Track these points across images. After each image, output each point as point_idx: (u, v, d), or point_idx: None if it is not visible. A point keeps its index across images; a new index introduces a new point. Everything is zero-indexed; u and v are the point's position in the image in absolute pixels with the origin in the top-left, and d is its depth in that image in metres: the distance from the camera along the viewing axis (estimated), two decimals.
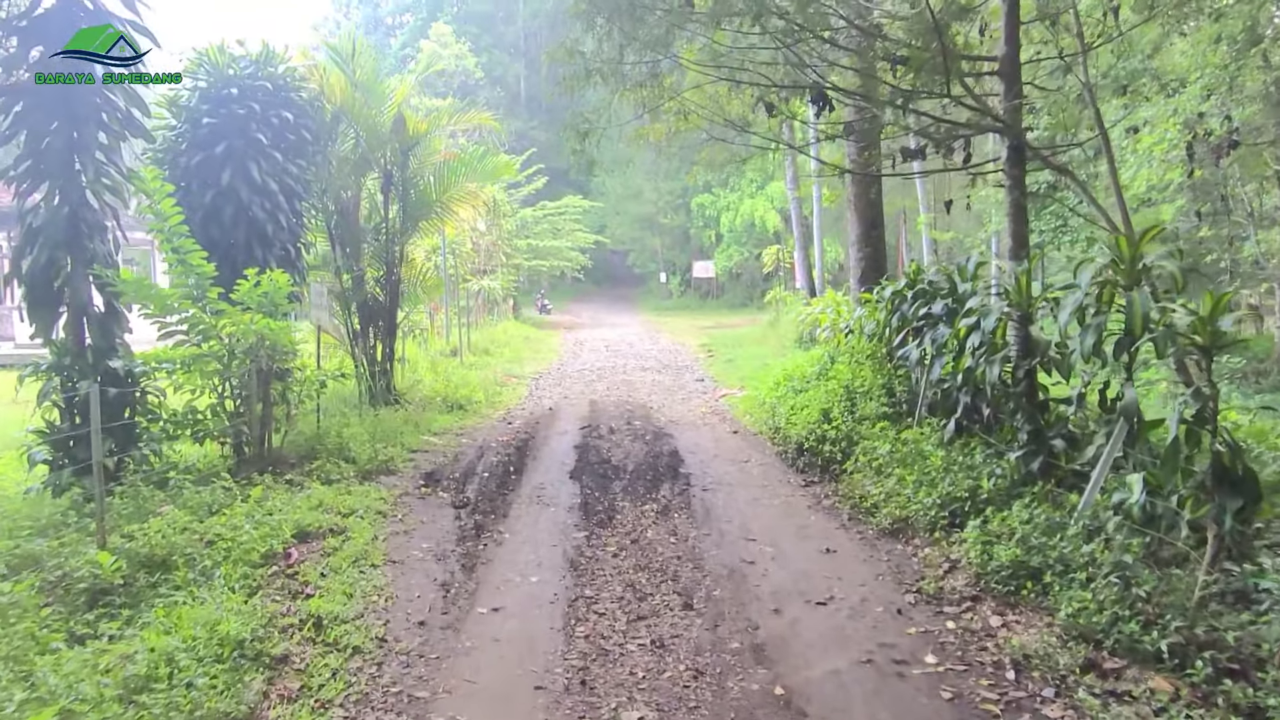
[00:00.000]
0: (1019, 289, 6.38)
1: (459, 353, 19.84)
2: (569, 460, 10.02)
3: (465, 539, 6.73)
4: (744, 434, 11.71)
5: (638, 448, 10.57)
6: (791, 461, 9.59)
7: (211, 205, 10.60)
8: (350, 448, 9.26)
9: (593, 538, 6.72)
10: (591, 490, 8.48)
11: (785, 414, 10.82)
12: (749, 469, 9.55)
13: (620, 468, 9.49)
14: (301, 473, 8.48)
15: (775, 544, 6.49)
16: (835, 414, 9.58)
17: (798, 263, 22.53)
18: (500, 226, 32.86)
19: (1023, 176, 6.99)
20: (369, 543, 6.30)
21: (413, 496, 8.23)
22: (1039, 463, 6.24)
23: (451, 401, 13.70)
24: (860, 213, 11.96)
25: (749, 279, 51.58)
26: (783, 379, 12.88)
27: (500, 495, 8.33)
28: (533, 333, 30.16)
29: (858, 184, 11.93)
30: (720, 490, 8.49)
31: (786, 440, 10.13)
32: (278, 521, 6.11)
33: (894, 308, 8.85)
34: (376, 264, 13.63)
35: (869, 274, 11.97)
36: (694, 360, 22.18)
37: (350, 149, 13.41)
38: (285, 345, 8.53)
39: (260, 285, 8.55)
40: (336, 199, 13.29)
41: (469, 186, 13.87)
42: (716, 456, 10.27)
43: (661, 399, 15.34)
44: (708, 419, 13.12)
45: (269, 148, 10.85)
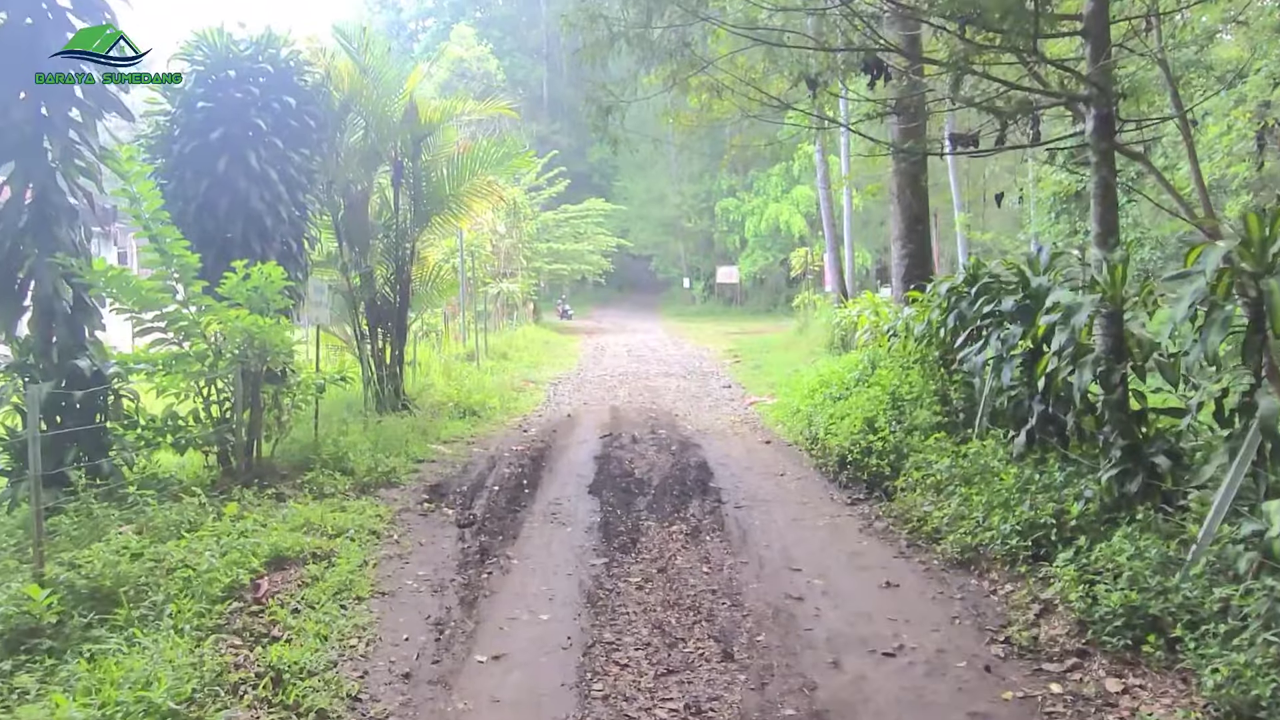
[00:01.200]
0: (1112, 281, 5.45)
1: (475, 357, 19.08)
2: (588, 473, 9.17)
3: (468, 565, 5.89)
4: (778, 444, 10.80)
5: (663, 459, 9.70)
6: (833, 476, 8.67)
7: (206, 196, 9.89)
8: (349, 457, 8.46)
9: (614, 565, 5.86)
10: (612, 508, 7.61)
11: (824, 423, 9.91)
12: (786, 484, 8.65)
13: (644, 481, 8.62)
14: (293, 485, 7.69)
15: (825, 575, 5.58)
16: (881, 424, 8.66)
17: (828, 265, 21.58)
18: (520, 229, 32.19)
19: (1111, 152, 6.07)
20: (356, 570, 5.47)
21: (413, 513, 7.40)
22: (1137, 483, 5.29)
23: (464, 407, 12.91)
24: (905, 206, 11.04)
25: (773, 284, 50.57)
26: (818, 385, 11.96)
27: (511, 512, 7.49)
28: (553, 337, 29.39)
29: (902, 175, 11.00)
30: (756, 508, 7.60)
31: (826, 452, 9.21)
32: (251, 545, 5.30)
33: (950, 306, 7.92)
34: (386, 262, 12.88)
35: (913, 272, 11.04)
36: (720, 366, 21.28)
37: (359, 140, 12.68)
38: (278, 345, 7.75)
39: (250, 279, 7.79)
40: (344, 192, 12.56)
41: (485, 180, 13.09)
42: (749, 469, 9.38)
43: (687, 406, 14.45)
44: (737, 428, 12.22)
45: (269, 134, 10.12)
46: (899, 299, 11.22)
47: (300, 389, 8.27)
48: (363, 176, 12.83)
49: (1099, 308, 5.44)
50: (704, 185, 51.95)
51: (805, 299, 26.06)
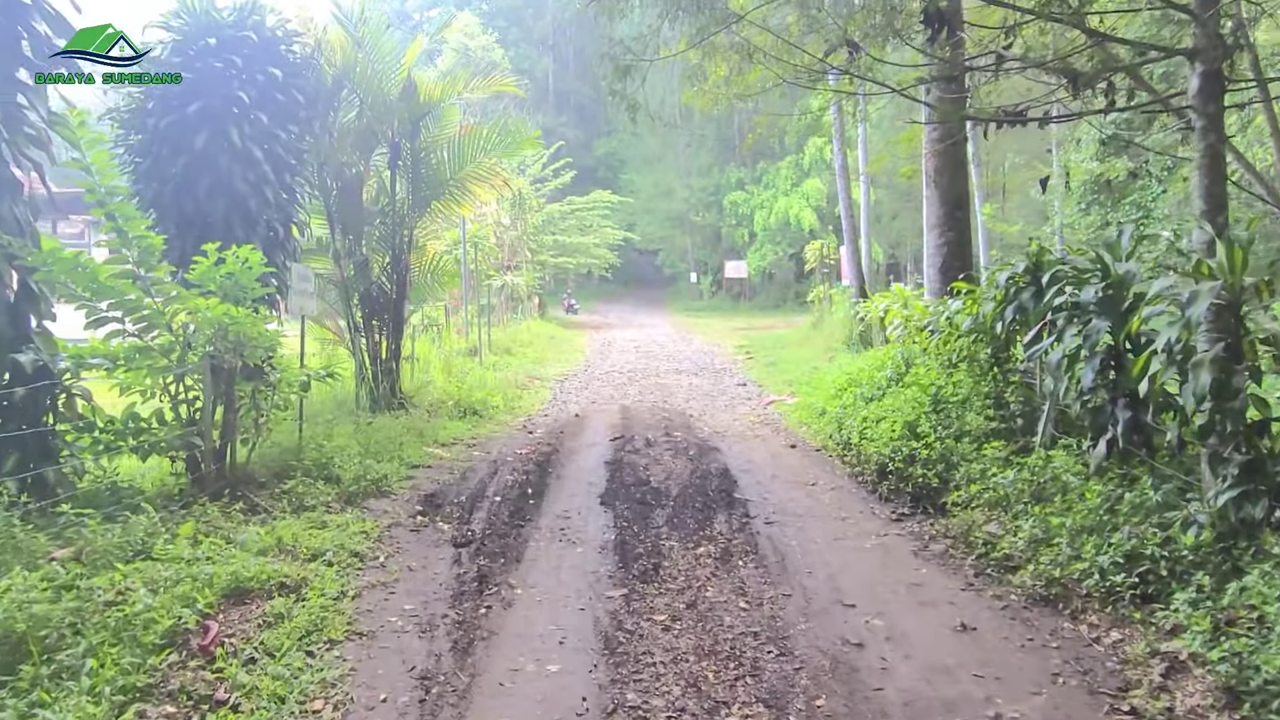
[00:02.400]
0: (1230, 266, 4.57)
1: (478, 352, 18.24)
2: (599, 480, 8.32)
3: (463, 596, 5.04)
4: (804, 449, 9.94)
5: (680, 465, 8.85)
6: (872, 487, 7.81)
7: (184, 175, 9.07)
8: (336, 463, 7.63)
9: (634, 597, 5.00)
10: (628, 522, 6.76)
11: (857, 427, 9.04)
12: (819, 495, 7.79)
13: (662, 491, 7.77)
14: (271, 495, 6.85)
15: (884, 613, 4.73)
16: (924, 429, 7.80)
17: (846, 258, 20.67)
18: (526, 221, 31.34)
19: (1220, 116, 5.17)
20: (330, 604, 4.62)
21: (405, 528, 6.55)
22: (1262, 508, 4.43)
23: (465, 406, 12.06)
24: (942, 190, 10.15)
25: (782, 279, 49.66)
26: (846, 385, 11.09)
27: (514, 528, 6.64)
28: (558, 332, 28.54)
29: (940, 155, 10.11)
30: (790, 524, 6.74)
31: (862, 460, 8.35)
32: (207, 575, 4.46)
33: (1009, 298, 7.04)
34: (382, 250, 12.04)
35: (951, 263, 10.15)
36: (732, 363, 20.41)
37: (353, 119, 11.83)
38: (255, 338, 6.91)
39: (225, 264, 6.95)
40: (338, 175, 11.72)
41: (488, 164, 12.24)
42: (776, 477, 8.52)
43: (701, 405, 13.59)
44: (757, 430, 11.35)
45: (253, 109, 9.28)
46: (934, 292, 10.35)
47: (282, 387, 7.42)
48: (357, 159, 12.00)
49: (1216, 298, 4.56)
50: (712, 179, 51.03)
51: (820, 293, 25.14)
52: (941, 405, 8.18)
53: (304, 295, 8.33)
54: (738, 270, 47.14)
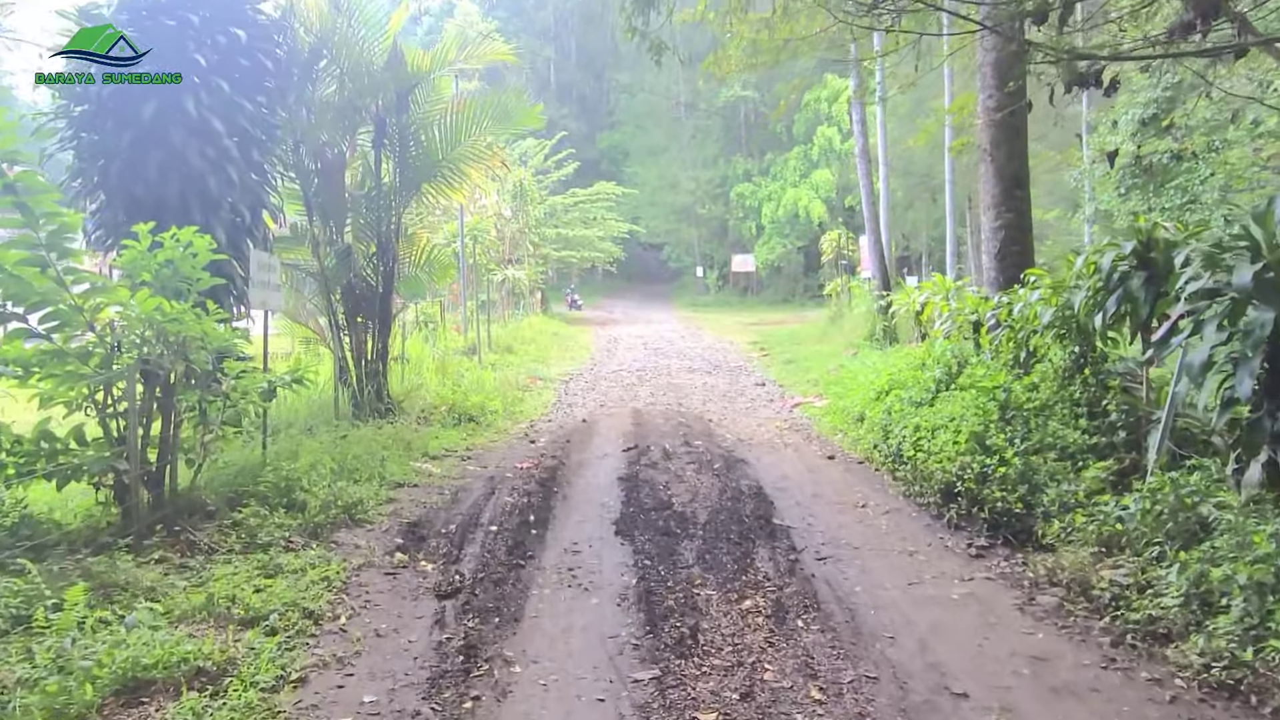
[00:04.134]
0: None
1: (477, 350, 17.03)
2: (613, 501, 7.12)
3: (444, 678, 3.84)
4: (844, 461, 8.73)
5: (706, 482, 7.64)
6: (936, 510, 6.59)
7: (132, 151, 7.89)
8: (302, 485, 6.43)
9: (669, 681, 3.79)
10: (651, 561, 5.56)
11: (908, 436, 7.84)
12: (873, 520, 6.59)
13: (687, 517, 6.56)
14: (219, 529, 5.66)
15: (1013, 710, 3.51)
16: (996, 441, 6.59)
17: (867, 248, 19.42)
18: (527, 213, 30.10)
19: None
20: (261, 701, 3.42)
21: (378, 570, 5.35)
22: None
23: (460, 412, 10.86)
24: (999, 166, 8.91)
25: (790, 273, 48.41)
26: (886, 386, 9.88)
27: (512, 569, 5.44)
28: (562, 329, 27.34)
29: (997, 127, 8.87)
30: (847, 560, 5.54)
31: (921, 476, 7.14)
32: (92, 663, 3.26)
33: (1110, 285, 5.81)
34: (367, 238, 10.84)
35: (1010, 247, 8.92)
36: (747, 360, 19.20)
37: (334, 93, 10.62)
38: (201, 339, 5.72)
39: (162, 250, 5.75)
40: (317, 155, 10.51)
41: (484, 142, 11.02)
42: (818, 497, 7.32)
43: (720, 408, 12.39)
44: (786, 437, 10.14)
45: (212, 74, 8.10)
46: (990, 280, 9.12)
47: (236, 396, 6.22)
48: (339, 137, 10.78)
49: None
50: (719, 170, 49.74)
51: (839, 286, 23.89)
52: (1014, 413, 6.97)
53: (266, 288, 7.12)
54: (745, 264, 45.92)
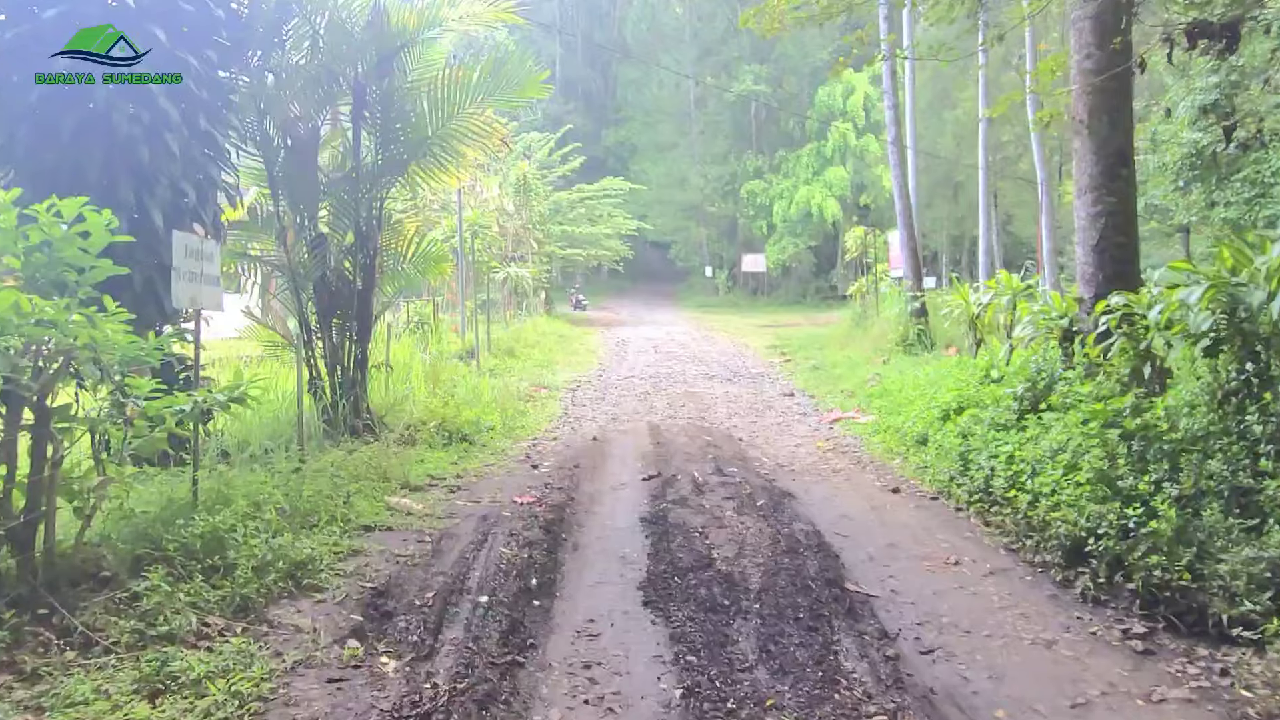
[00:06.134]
0: None
1: (475, 354, 15.52)
2: (636, 554, 5.62)
3: None
4: (912, 495, 7.21)
5: (751, 526, 6.13)
6: (1059, 574, 5.08)
7: (41, 111, 6.45)
8: (236, 538, 4.92)
9: None
10: (697, 657, 4.04)
11: (999, 470, 6.32)
12: (975, 584, 5.07)
13: (736, 581, 5.05)
14: (114, 601, 4.16)
15: None
16: (1135, 484, 5.07)
17: (899, 244, 17.88)
18: (531, 208, 28.61)
19: None
20: None
21: (316, 677, 3.82)
22: None
23: (452, 429, 9.34)
24: (1100, 140, 7.37)
25: (801, 274, 46.86)
26: (953, 403, 8.36)
27: (506, 672, 3.92)
28: (567, 330, 25.82)
29: (1097, 93, 7.33)
30: (969, 661, 4.02)
31: (1028, 523, 5.62)
32: None
33: None
34: (344, 226, 9.34)
35: (1113, 237, 7.37)
36: (768, 366, 17.67)
37: (307, 57, 9.12)
38: (92, 347, 4.21)
39: (34, 227, 4.25)
40: (286, 129, 9.01)
41: (481, 116, 9.51)
42: (893, 547, 5.80)
43: (749, 424, 10.87)
44: (833, 462, 8.63)
45: (144, 20, 6.65)
46: (1085, 277, 7.58)
47: (143, 425, 4.71)
48: (313, 110, 9.29)
49: None
50: (729, 167, 48.12)
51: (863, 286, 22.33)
52: (1150, 446, 5.45)
53: (198, 280, 5.59)
54: (755, 264, 44.32)
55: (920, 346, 16.31)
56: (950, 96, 30.32)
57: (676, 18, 50.83)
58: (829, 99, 42.67)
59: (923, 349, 16.18)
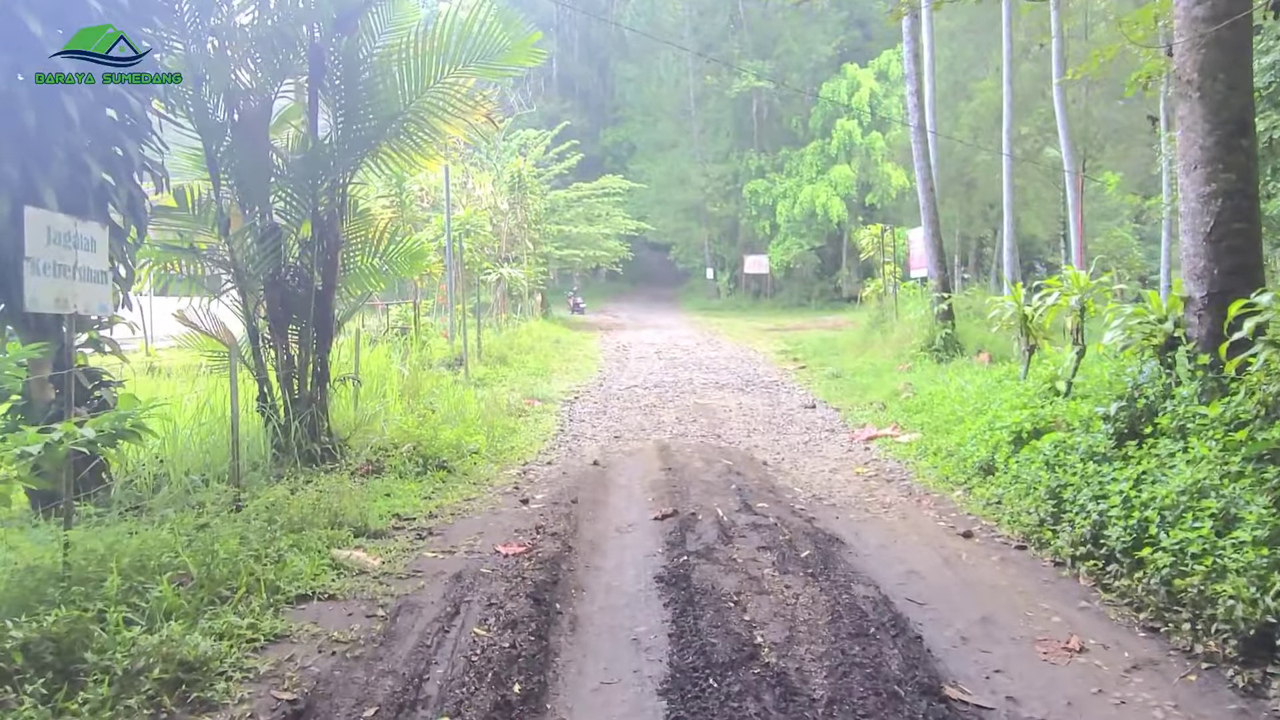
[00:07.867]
0: None
1: (464, 362, 14.13)
2: (654, 637, 4.23)
3: None
4: (990, 542, 5.83)
5: (799, 591, 4.74)
6: (1235, 673, 3.70)
7: None
8: (105, 629, 3.53)
9: None
10: None
11: (1114, 517, 4.95)
12: (1114, 682, 3.70)
13: (792, 683, 3.66)
14: None
15: None
16: None
17: (923, 242, 16.49)
18: (527, 206, 27.24)
19: None
20: None
21: None
22: None
23: (429, 453, 7.95)
24: (1214, 104, 6.01)
25: (804, 275, 45.45)
26: (1026, 424, 6.98)
27: None
28: (564, 334, 24.43)
29: (1210, 49, 5.98)
30: None
31: (1174, 598, 4.25)
32: None
33: None
34: (300, 215, 7.96)
35: (1231, 223, 6.00)
36: (782, 374, 16.27)
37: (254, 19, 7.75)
38: None
39: None
40: (231, 101, 7.62)
41: (462, 88, 8.14)
42: (989, 623, 4.42)
43: (771, 442, 9.49)
44: (879, 492, 7.25)
45: None
46: (1193, 271, 6.20)
47: None
48: (265, 80, 7.90)
49: None
50: (730, 165, 46.80)
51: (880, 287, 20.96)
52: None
53: (66, 275, 4.20)
54: (758, 265, 42.98)
55: (947, 352, 14.95)
56: (965, 89, 28.97)
57: (675, 14, 49.49)
58: (834, 95, 41.34)
59: (950, 355, 14.83)
